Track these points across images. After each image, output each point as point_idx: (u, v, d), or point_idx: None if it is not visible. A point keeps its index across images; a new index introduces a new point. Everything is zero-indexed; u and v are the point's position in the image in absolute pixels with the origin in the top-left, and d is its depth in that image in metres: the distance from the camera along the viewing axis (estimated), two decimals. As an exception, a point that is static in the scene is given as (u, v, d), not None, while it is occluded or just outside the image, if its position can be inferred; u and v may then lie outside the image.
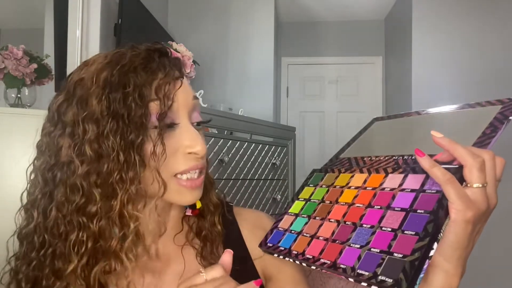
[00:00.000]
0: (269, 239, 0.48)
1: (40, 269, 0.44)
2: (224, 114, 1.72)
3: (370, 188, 0.43)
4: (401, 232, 0.35)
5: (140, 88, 0.42)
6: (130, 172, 0.41)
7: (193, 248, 0.53)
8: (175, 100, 0.44)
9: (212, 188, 0.56)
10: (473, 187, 0.34)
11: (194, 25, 2.72)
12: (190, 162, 0.45)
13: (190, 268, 0.51)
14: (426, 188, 0.38)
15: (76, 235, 0.41)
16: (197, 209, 0.54)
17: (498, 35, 2.49)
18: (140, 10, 1.92)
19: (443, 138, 0.37)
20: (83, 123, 0.41)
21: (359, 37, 3.32)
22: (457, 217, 0.33)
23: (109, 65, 0.44)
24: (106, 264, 0.42)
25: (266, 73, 2.70)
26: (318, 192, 0.49)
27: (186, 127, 0.46)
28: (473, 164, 0.34)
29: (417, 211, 0.36)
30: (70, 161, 0.42)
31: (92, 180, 0.41)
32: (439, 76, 2.51)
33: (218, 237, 0.54)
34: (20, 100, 1.34)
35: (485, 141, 0.39)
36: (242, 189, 1.72)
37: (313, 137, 3.29)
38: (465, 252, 0.35)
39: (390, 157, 0.47)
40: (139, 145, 0.41)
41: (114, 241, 0.42)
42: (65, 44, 1.30)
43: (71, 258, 0.42)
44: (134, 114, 0.41)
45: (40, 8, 1.67)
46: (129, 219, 0.42)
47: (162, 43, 0.49)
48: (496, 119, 0.41)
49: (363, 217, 0.40)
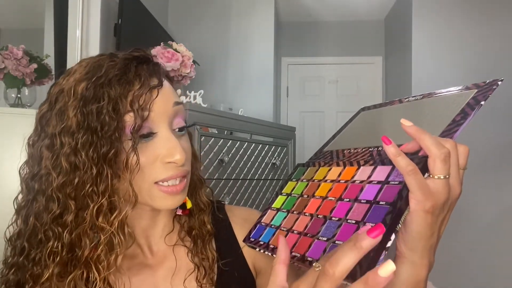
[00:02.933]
0: (252, 233, 0.48)
1: (22, 273, 0.45)
2: (224, 114, 1.72)
3: (343, 181, 0.43)
4: (363, 224, 0.35)
5: (115, 101, 0.43)
6: (102, 185, 0.42)
7: (185, 246, 0.54)
8: (152, 110, 0.44)
9: (202, 187, 0.57)
10: (435, 178, 0.34)
11: (194, 25, 2.72)
12: (169, 171, 0.45)
13: (182, 265, 0.53)
14: (390, 179, 0.38)
15: (52, 244, 0.43)
16: (187, 209, 0.55)
17: (498, 35, 2.49)
18: (140, 10, 1.92)
19: (411, 126, 0.37)
20: (60, 136, 0.43)
21: (359, 37, 3.32)
22: (416, 207, 0.33)
23: (87, 76, 0.45)
24: (82, 273, 0.44)
25: (266, 73, 2.70)
26: (299, 187, 0.49)
27: (165, 136, 0.46)
28: (437, 155, 0.34)
29: (380, 202, 0.36)
30: (48, 172, 0.43)
31: (67, 191, 0.42)
32: (439, 76, 2.51)
33: (208, 234, 0.55)
34: (20, 100, 1.35)
35: (453, 129, 0.38)
36: (242, 189, 1.72)
37: (313, 137, 3.29)
38: (429, 242, 0.35)
39: (367, 148, 0.47)
40: (111, 158, 0.42)
41: (86, 252, 0.43)
42: (65, 44, 1.31)
43: (47, 265, 0.43)
44: (107, 128, 0.42)
45: (40, 8, 1.67)
46: (100, 230, 0.43)
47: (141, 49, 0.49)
48: (468, 104, 0.40)
49: (333, 210, 0.40)
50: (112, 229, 0.43)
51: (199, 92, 1.74)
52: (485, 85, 0.42)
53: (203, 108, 1.64)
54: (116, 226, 0.43)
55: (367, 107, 0.59)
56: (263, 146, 1.85)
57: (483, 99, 0.40)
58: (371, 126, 0.54)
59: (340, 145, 0.54)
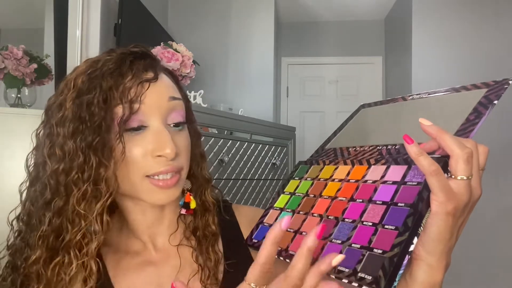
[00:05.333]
0: (254, 234, 0.46)
1: (18, 255, 0.47)
2: (224, 114, 1.72)
3: (353, 180, 0.42)
4: (381, 227, 0.34)
5: (105, 92, 0.44)
6: (86, 172, 0.44)
7: (189, 246, 0.54)
8: (143, 103, 0.45)
9: (208, 186, 0.56)
10: (458, 179, 0.33)
11: (194, 25, 2.72)
12: (160, 166, 0.46)
13: (186, 264, 0.53)
14: (407, 180, 0.37)
15: (42, 228, 0.45)
16: (191, 209, 0.54)
17: (498, 35, 2.49)
18: (140, 10, 1.92)
19: (431, 126, 0.36)
20: (57, 126, 0.45)
21: (359, 37, 3.32)
22: (438, 210, 0.32)
23: (86, 70, 0.46)
24: (64, 258, 0.45)
25: (266, 73, 2.70)
26: (303, 186, 0.47)
27: (156, 129, 0.46)
28: (460, 155, 0.33)
29: (398, 204, 0.35)
30: (44, 160, 0.45)
31: (58, 178, 0.44)
32: (439, 76, 2.51)
33: (213, 235, 0.54)
34: (20, 100, 1.34)
35: (468, 128, 0.37)
36: (242, 189, 1.72)
37: (313, 137, 3.29)
38: (448, 245, 0.34)
39: (375, 147, 0.45)
40: (97, 147, 0.43)
41: (67, 236, 0.44)
42: (65, 44, 1.30)
43: (36, 248, 0.45)
44: (96, 118, 0.43)
45: (40, 8, 1.67)
46: (81, 217, 0.44)
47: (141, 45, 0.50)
48: (480, 103, 0.39)
49: (345, 211, 0.39)
50: (91, 216, 0.44)
51: (199, 92, 1.74)
52: (495, 84, 0.41)
53: (203, 108, 1.64)
54: (95, 214, 0.44)
55: (368, 104, 0.58)
56: (263, 146, 1.85)
57: (495, 98, 0.38)
58: (375, 124, 0.52)
59: (343, 143, 0.52)
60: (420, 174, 0.36)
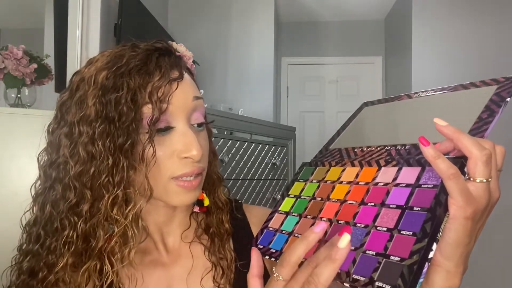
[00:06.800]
0: (259, 240, 0.44)
1: (36, 261, 0.45)
2: (224, 114, 1.72)
3: (363, 183, 0.40)
4: (397, 232, 0.32)
5: (133, 91, 0.42)
6: (117, 175, 0.42)
7: (201, 244, 0.53)
8: (171, 103, 0.44)
9: (220, 185, 0.56)
10: (476, 182, 0.31)
11: (194, 25, 2.72)
12: (185, 167, 0.45)
13: (198, 263, 0.52)
14: (422, 182, 0.35)
15: (67, 233, 0.42)
16: (205, 207, 0.53)
17: (497, 35, 2.49)
18: (140, 10, 1.92)
19: (447, 126, 0.34)
20: (79, 125, 0.43)
21: (359, 37, 3.32)
22: (457, 214, 0.31)
23: (107, 66, 0.44)
24: (95, 264, 0.43)
25: (266, 73, 2.70)
26: (309, 188, 0.45)
27: (182, 130, 0.45)
28: (479, 157, 0.31)
29: (414, 208, 0.33)
30: (65, 160, 0.43)
31: (84, 181, 0.42)
32: (439, 76, 2.51)
33: (227, 233, 0.53)
34: (20, 100, 1.34)
35: (482, 127, 0.35)
36: (242, 189, 1.72)
37: (313, 137, 3.29)
38: (466, 250, 0.32)
39: (383, 147, 0.43)
40: (128, 149, 0.42)
41: (100, 243, 0.42)
42: (65, 44, 1.30)
43: (62, 254, 0.43)
44: (125, 118, 0.41)
45: (40, 8, 1.67)
46: (115, 222, 0.43)
47: (163, 41, 0.49)
48: (492, 101, 0.37)
49: (356, 215, 0.37)
50: (126, 221, 0.43)
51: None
52: (506, 81, 0.39)
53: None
54: (130, 219, 0.43)
55: (371, 102, 0.56)
56: (263, 146, 1.84)
57: (507, 95, 0.37)
58: (380, 122, 0.50)
59: (347, 143, 0.50)
60: (435, 176, 0.34)
